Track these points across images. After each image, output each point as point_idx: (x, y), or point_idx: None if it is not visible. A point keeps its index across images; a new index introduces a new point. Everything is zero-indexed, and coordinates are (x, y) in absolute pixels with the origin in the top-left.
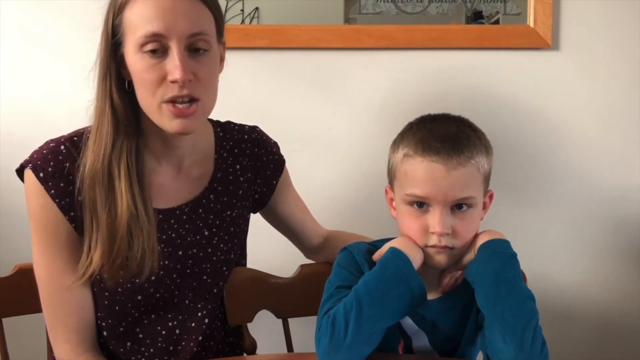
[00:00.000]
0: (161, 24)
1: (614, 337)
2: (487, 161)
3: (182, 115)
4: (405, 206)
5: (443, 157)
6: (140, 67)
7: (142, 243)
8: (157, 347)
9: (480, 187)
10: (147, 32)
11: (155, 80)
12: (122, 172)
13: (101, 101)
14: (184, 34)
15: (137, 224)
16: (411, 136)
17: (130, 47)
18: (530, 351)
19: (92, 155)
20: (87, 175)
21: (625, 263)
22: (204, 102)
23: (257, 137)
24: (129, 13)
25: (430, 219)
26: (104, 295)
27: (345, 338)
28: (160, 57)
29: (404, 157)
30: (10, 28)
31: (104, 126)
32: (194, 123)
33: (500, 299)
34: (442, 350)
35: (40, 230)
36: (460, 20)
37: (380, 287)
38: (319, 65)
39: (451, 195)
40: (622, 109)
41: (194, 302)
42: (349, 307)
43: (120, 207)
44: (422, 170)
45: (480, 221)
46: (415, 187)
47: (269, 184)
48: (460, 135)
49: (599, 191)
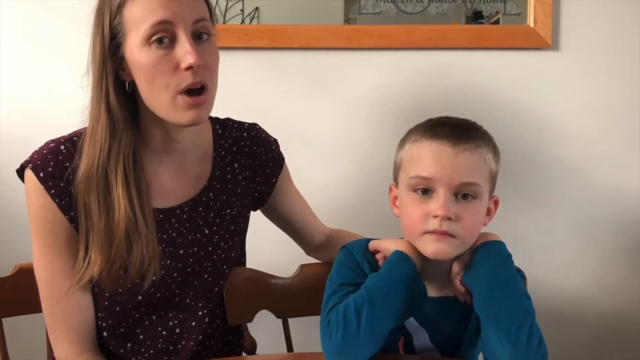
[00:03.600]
0: (167, 11)
1: (614, 337)
2: (494, 160)
3: (196, 105)
4: (409, 193)
5: (451, 140)
6: (149, 60)
7: (140, 248)
8: (158, 347)
9: (485, 179)
10: (154, 21)
11: (168, 70)
12: (119, 177)
13: (96, 105)
14: (190, 19)
15: (135, 229)
16: (421, 126)
17: (135, 43)
18: (526, 351)
19: (86, 160)
20: (82, 180)
21: (625, 263)
22: (211, 91)
23: (256, 134)
24: (129, 11)
25: (433, 204)
26: (104, 296)
27: (359, 334)
28: (168, 46)
29: (412, 144)
30: (10, 28)
31: (98, 131)
32: (205, 113)
33: (495, 300)
34: (444, 348)
35: (41, 231)
36: (460, 20)
37: (391, 287)
38: (319, 65)
39: (457, 178)
40: (622, 109)
41: (194, 300)
42: (360, 304)
43: (117, 212)
44: (429, 152)
45: (484, 226)
46: (422, 169)
47: (268, 182)
48: (469, 127)
49: (599, 191)
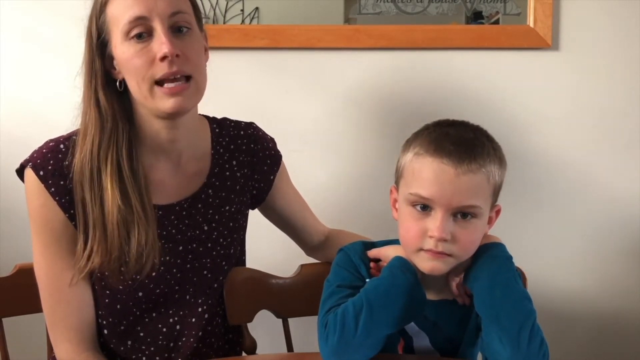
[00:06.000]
0: (142, 6)
1: (614, 337)
2: (499, 173)
3: (176, 92)
4: (408, 207)
5: (454, 160)
6: (129, 54)
7: (138, 238)
8: (158, 344)
9: (487, 198)
10: (130, 17)
11: (145, 63)
12: (108, 168)
13: (86, 103)
14: (165, 12)
15: (131, 219)
16: (425, 136)
17: (117, 39)
18: (528, 351)
19: (79, 155)
20: (75, 173)
21: (625, 263)
22: (196, 80)
23: (253, 132)
24: (110, 9)
25: (430, 223)
26: (105, 294)
27: (355, 338)
28: (146, 40)
29: (415, 156)
30: (10, 28)
31: (89, 126)
32: (188, 101)
33: (496, 302)
34: (443, 350)
35: (41, 230)
36: (460, 20)
37: (391, 294)
38: (319, 65)
39: (456, 201)
40: (622, 109)
41: (194, 297)
42: (359, 308)
43: (107, 203)
44: (430, 171)
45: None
46: (421, 187)
47: (266, 179)
48: (475, 142)
49: (599, 191)
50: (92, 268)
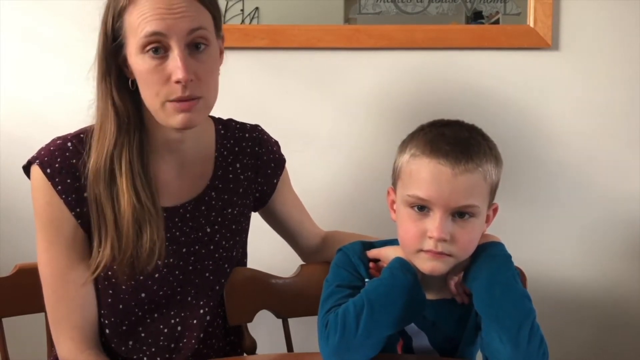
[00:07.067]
0: (161, 23)
1: (613, 337)
2: (496, 172)
3: (185, 109)
4: (406, 208)
5: (451, 160)
6: (144, 68)
7: (150, 234)
8: (159, 345)
9: (485, 197)
10: (147, 32)
11: (159, 81)
12: (123, 168)
13: (102, 101)
14: (183, 30)
15: (143, 217)
16: (421, 137)
17: (133, 48)
18: (527, 350)
19: (95, 153)
20: (91, 172)
21: (625, 263)
22: (205, 99)
23: (258, 136)
24: (129, 16)
25: (429, 224)
26: (107, 294)
27: (356, 338)
28: (162, 57)
29: (411, 157)
30: (10, 28)
31: (106, 125)
32: (196, 117)
33: (495, 300)
34: (442, 349)
35: (46, 227)
36: (460, 20)
37: (392, 294)
38: (319, 65)
39: (454, 201)
40: (622, 109)
41: (196, 298)
42: (360, 308)
43: (123, 202)
44: (427, 172)
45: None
46: (418, 188)
47: (269, 182)
48: (471, 142)
49: (599, 191)
50: (105, 265)
